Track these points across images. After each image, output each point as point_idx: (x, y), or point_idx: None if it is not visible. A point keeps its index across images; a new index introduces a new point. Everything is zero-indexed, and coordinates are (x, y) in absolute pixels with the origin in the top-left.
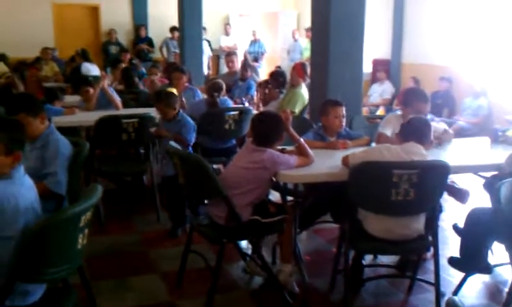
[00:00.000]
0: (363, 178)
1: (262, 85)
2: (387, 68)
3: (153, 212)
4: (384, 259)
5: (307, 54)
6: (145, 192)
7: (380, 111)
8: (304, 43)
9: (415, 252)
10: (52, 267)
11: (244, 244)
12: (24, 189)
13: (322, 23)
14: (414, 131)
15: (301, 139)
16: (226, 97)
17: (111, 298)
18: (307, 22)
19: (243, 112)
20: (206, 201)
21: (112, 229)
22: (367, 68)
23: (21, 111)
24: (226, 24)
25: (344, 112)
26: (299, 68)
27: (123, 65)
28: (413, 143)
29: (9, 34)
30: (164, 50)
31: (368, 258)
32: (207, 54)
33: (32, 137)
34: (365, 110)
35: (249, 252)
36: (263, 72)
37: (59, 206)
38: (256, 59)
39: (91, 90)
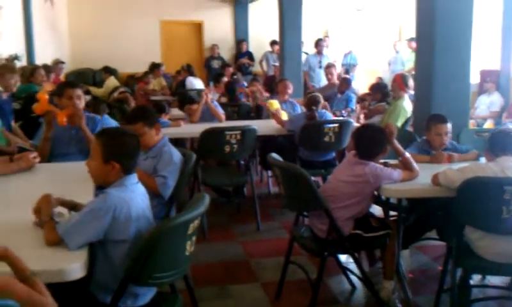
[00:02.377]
0: (472, 195)
1: (368, 98)
2: (496, 79)
3: (253, 222)
4: (494, 279)
5: (409, 65)
6: (246, 202)
7: (488, 124)
8: (406, 55)
9: None
10: (162, 272)
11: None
12: (136, 196)
13: (428, 37)
14: (500, 144)
15: (406, 153)
16: (324, 110)
17: (212, 305)
18: (409, 33)
19: (343, 124)
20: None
21: (214, 237)
22: (474, 79)
23: (139, 120)
24: (325, 36)
25: (449, 128)
26: (399, 80)
27: (225, 79)
28: (506, 157)
29: (120, 51)
30: (264, 63)
31: (476, 278)
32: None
33: (146, 146)
34: (472, 123)
35: (351, 266)
36: (355, 84)
37: (167, 213)
38: (347, 71)
39: (195, 106)
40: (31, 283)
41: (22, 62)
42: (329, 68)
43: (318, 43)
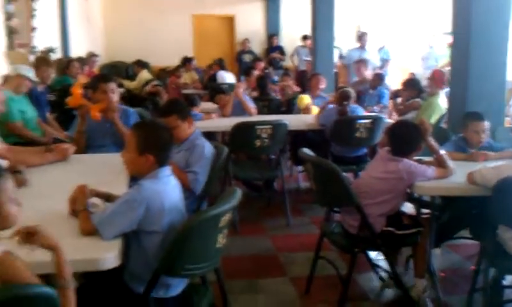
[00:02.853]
0: (508, 194)
1: (403, 95)
2: None
3: (283, 217)
4: None
5: (443, 61)
6: (276, 197)
7: None
8: (440, 50)
9: None
10: (194, 264)
11: (374, 254)
12: (170, 188)
13: (463, 33)
14: None
15: (441, 150)
16: (356, 105)
17: (242, 298)
18: (443, 28)
19: (375, 120)
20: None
21: (244, 231)
22: (511, 76)
23: (173, 113)
24: (358, 31)
25: (487, 126)
26: (438, 76)
27: (256, 72)
28: None
29: (153, 44)
30: (295, 58)
31: (509, 278)
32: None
33: (179, 139)
34: (507, 121)
35: (381, 263)
36: (388, 80)
37: (198, 206)
38: (380, 67)
39: (227, 97)
40: (62, 292)
41: (57, 55)
42: (357, 63)
43: (361, 38)
